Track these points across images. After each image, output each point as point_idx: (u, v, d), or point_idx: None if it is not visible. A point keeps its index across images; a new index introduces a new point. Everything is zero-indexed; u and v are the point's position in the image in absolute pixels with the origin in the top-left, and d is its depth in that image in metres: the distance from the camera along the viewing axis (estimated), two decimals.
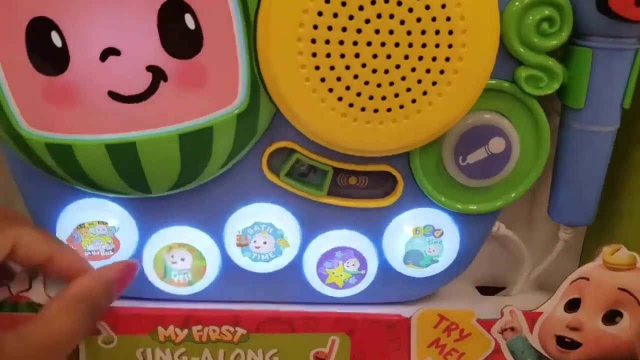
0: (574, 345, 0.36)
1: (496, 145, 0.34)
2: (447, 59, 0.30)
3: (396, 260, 0.37)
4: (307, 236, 0.37)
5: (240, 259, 0.36)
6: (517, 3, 0.31)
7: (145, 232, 0.36)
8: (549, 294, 0.37)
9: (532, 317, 0.36)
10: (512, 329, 0.36)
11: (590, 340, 0.36)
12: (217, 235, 0.36)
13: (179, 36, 0.29)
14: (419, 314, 0.36)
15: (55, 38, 0.29)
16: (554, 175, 0.38)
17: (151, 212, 0.35)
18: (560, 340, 0.36)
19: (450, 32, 0.29)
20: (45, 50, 0.29)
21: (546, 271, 0.42)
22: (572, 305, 0.36)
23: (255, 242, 0.36)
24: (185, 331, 0.35)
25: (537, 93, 0.33)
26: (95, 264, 0.35)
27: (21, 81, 0.30)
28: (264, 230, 0.35)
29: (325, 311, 0.36)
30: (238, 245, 0.36)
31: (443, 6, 0.29)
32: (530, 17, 0.32)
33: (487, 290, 0.44)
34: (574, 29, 0.32)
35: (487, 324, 0.36)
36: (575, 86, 0.34)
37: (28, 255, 0.31)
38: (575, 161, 0.36)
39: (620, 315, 0.36)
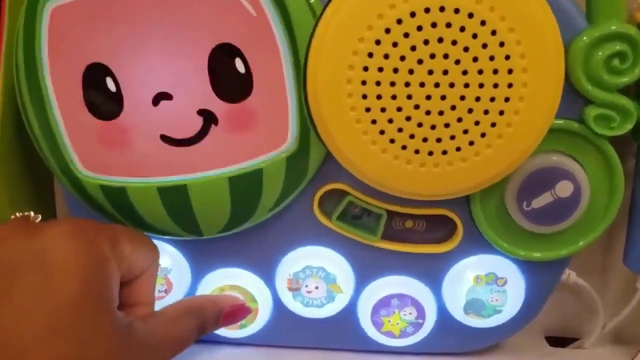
0: None
1: (564, 189, 0.32)
2: (507, 99, 0.28)
3: (456, 310, 0.35)
4: (361, 282, 0.35)
5: (292, 304, 0.36)
6: (584, 38, 0.29)
7: (197, 274, 0.36)
8: (627, 347, 0.35)
9: None
10: None
11: None
12: (269, 278, 0.35)
13: (230, 80, 0.29)
14: None
15: (109, 83, 0.30)
16: (630, 220, 0.35)
17: (203, 253, 0.35)
18: None
19: (510, 71, 0.28)
20: (100, 95, 0.30)
21: (624, 323, 0.39)
22: None
23: (307, 286, 0.35)
24: None
25: (609, 133, 0.31)
26: None
27: (78, 125, 0.31)
28: (316, 275, 0.35)
29: None
30: (289, 289, 0.35)
31: (501, 44, 0.27)
32: (600, 53, 0.30)
33: (557, 341, 0.41)
34: None
35: None
36: None
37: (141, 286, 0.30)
38: None
39: None
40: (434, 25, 0.27)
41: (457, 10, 0.27)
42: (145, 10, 0.29)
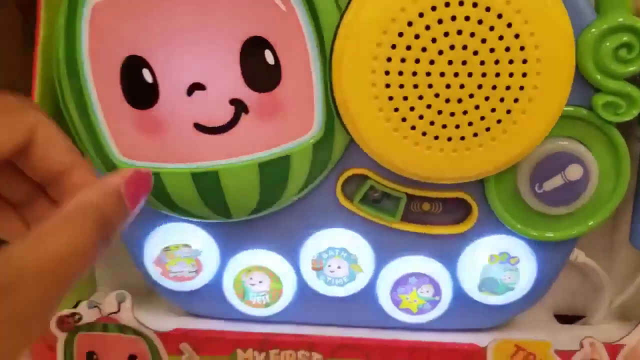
0: None
1: (573, 172, 0.34)
2: (521, 88, 0.30)
3: (471, 288, 0.37)
4: (381, 261, 0.37)
5: (315, 283, 0.38)
6: (593, 30, 0.31)
7: (226, 255, 0.38)
8: (632, 324, 0.36)
9: (613, 350, 0.35)
10: None
11: None
12: (293, 259, 0.37)
13: (260, 71, 0.31)
14: (496, 345, 0.35)
15: (146, 75, 0.32)
16: (636, 201, 0.37)
17: (232, 235, 0.37)
18: None
19: (524, 61, 0.30)
20: (137, 86, 0.32)
21: (629, 300, 0.40)
22: None
23: (329, 266, 0.37)
24: (263, 354, 0.36)
25: (616, 120, 0.33)
26: (180, 285, 0.38)
27: (115, 114, 0.33)
28: (338, 255, 0.37)
29: (401, 340, 0.36)
30: (313, 269, 0.37)
31: (516, 36, 0.29)
32: (608, 44, 0.31)
33: (565, 318, 0.43)
34: None
35: (565, 356, 0.36)
36: None
37: (45, 157, 0.26)
38: None
39: None
40: (453, 18, 0.29)
41: (475, 4, 0.29)
42: (181, 5, 0.30)
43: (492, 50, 0.29)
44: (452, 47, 0.29)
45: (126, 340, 0.35)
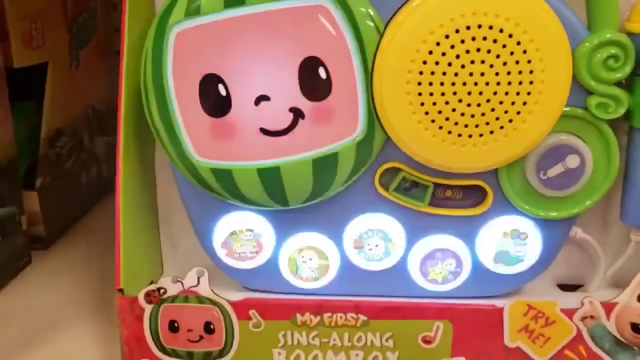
0: None
1: (572, 161, 0.39)
2: (529, 93, 0.36)
3: (487, 260, 0.43)
4: (412, 240, 0.43)
5: (357, 259, 0.43)
6: (587, 44, 0.37)
7: (281, 237, 0.43)
8: (624, 290, 0.42)
9: (609, 307, 0.41)
10: (591, 317, 0.41)
11: None
12: (338, 240, 0.43)
13: (314, 84, 0.37)
14: (511, 304, 0.41)
15: (221, 89, 0.38)
16: (625, 184, 0.42)
17: (287, 221, 0.43)
18: (635, 327, 0.41)
19: (531, 72, 0.36)
20: (213, 98, 0.38)
21: (620, 270, 0.45)
22: None
23: (369, 245, 0.43)
24: (318, 317, 0.42)
25: (606, 117, 0.38)
26: (243, 264, 0.44)
27: (194, 122, 0.39)
28: (376, 235, 0.43)
29: (432, 302, 0.42)
30: (355, 247, 0.43)
31: (524, 52, 0.35)
32: (599, 55, 0.37)
33: (566, 287, 0.48)
34: (636, 63, 0.38)
35: (569, 313, 0.41)
36: (638, 110, 0.39)
37: None
38: None
39: None
40: (473, 38, 0.35)
41: (490, 27, 0.35)
42: (251, 32, 0.36)
43: (504, 63, 0.35)
44: (472, 62, 0.35)
45: (203, 309, 0.41)
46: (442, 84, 0.36)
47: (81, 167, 0.74)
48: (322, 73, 0.37)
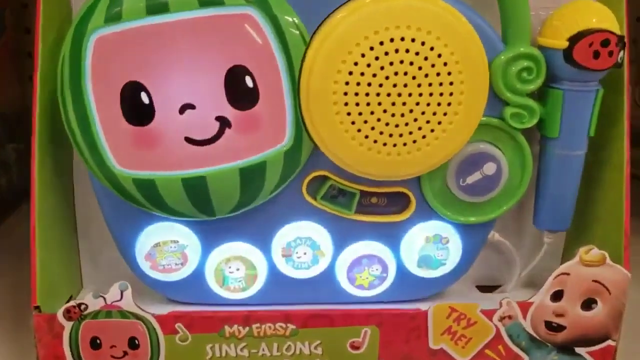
0: (559, 328, 0.43)
1: (489, 168, 0.41)
2: (449, 104, 0.38)
3: (411, 264, 0.44)
4: (339, 247, 0.43)
5: (285, 268, 0.43)
6: (502, 57, 0.39)
7: (207, 248, 0.43)
8: (537, 288, 0.43)
9: (525, 307, 0.43)
10: (509, 317, 0.43)
11: (572, 323, 0.43)
12: (266, 249, 0.43)
13: (241, 93, 0.37)
14: (434, 307, 0.42)
15: (143, 97, 0.37)
16: (537, 190, 0.45)
17: (213, 231, 0.42)
18: (549, 325, 0.43)
19: (451, 83, 0.37)
20: (136, 106, 0.37)
21: (534, 270, 0.48)
22: (557, 295, 0.43)
23: (297, 253, 0.43)
24: (247, 328, 0.41)
25: (520, 127, 0.41)
26: (167, 277, 0.43)
27: (115, 130, 0.37)
28: (304, 244, 0.43)
29: (359, 309, 0.43)
30: (283, 256, 0.43)
31: (445, 64, 0.37)
32: (513, 68, 0.39)
33: (485, 288, 0.50)
34: (547, 75, 0.40)
35: (489, 314, 0.43)
36: (550, 120, 0.41)
37: None
38: (553, 179, 0.43)
39: (595, 302, 0.43)
40: (396, 51, 0.36)
41: (413, 40, 0.36)
42: (175, 40, 0.36)
43: (426, 75, 0.37)
44: (396, 74, 0.36)
45: (127, 324, 0.40)
46: (367, 94, 0.37)
47: None
48: (248, 82, 0.37)
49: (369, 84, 0.37)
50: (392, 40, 0.36)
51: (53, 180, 0.43)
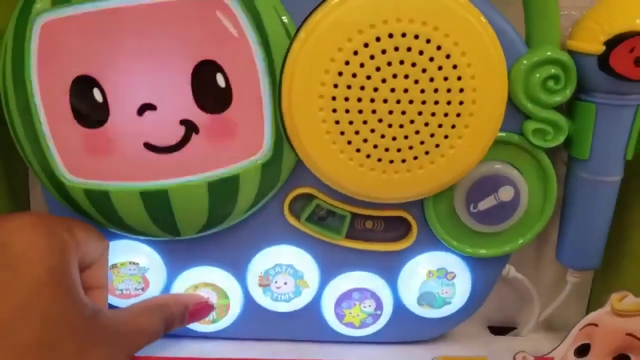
0: None
1: (505, 193, 0.36)
2: (458, 115, 0.32)
3: (411, 302, 0.39)
4: (326, 277, 0.39)
5: (262, 299, 0.38)
6: (524, 62, 0.34)
7: (173, 272, 0.38)
8: (559, 333, 0.39)
9: None
10: None
11: None
12: (241, 276, 0.38)
13: (211, 93, 0.32)
14: None
15: (96, 94, 0.32)
16: (562, 220, 0.40)
17: (179, 253, 0.38)
18: None
19: (461, 90, 0.32)
20: (87, 105, 0.32)
21: (555, 312, 0.43)
22: (582, 350, 0.37)
23: (276, 282, 0.38)
24: None
25: (544, 145, 0.35)
26: (125, 303, 0.38)
27: (64, 133, 0.33)
28: (285, 272, 0.38)
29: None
30: (260, 285, 0.38)
31: (454, 66, 0.31)
32: (537, 75, 0.34)
33: (498, 330, 0.46)
34: (578, 86, 0.35)
35: None
36: (580, 139, 0.36)
37: (87, 252, 0.32)
38: (581, 208, 0.38)
39: (629, 359, 0.37)
40: (396, 49, 0.31)
41: (416, 36, 0.31)
42: (133, 26, 0.31)
43: (431, 79, 0.31)
44: (394, 76, 0.31)
45: None
46: (359, 99, 0.32)
47: None
48: (220, 80, 0.32)
49: (362, 88, 0.31)
50: (391, 36, 0.31)
51: (2, 184, 0.38)
